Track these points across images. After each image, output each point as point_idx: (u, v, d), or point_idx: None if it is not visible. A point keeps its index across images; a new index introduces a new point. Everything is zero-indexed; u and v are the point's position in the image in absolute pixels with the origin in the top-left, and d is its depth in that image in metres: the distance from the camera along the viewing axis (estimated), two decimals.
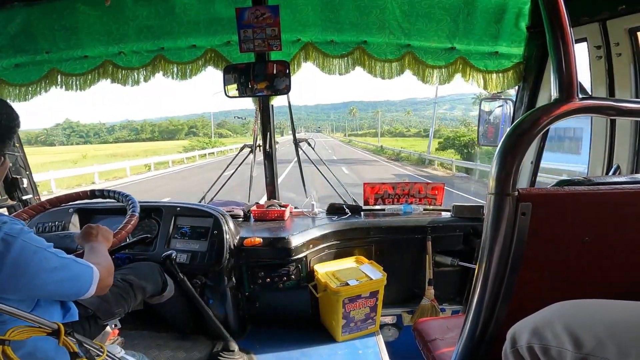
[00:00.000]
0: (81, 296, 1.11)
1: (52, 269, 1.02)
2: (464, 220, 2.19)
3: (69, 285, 1.07)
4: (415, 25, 2.07)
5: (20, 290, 1.00)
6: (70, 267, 1.07)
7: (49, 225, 2.04)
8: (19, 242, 0.97)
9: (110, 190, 1.72)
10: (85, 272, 1.11)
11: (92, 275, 1.12)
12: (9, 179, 2.41)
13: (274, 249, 1.94)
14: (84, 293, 1.10)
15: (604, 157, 1.71)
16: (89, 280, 1.11)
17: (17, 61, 2.30)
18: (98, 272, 1.14)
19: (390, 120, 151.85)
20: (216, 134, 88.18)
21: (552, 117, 0.77)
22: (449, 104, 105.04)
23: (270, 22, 2.04)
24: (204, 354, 1.87)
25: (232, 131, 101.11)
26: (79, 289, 1.09)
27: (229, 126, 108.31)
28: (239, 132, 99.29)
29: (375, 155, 31.99)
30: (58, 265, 1.04)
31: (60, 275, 1.04)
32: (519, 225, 0.81)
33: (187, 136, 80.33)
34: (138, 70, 2.32)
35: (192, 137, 71.26)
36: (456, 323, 1.49)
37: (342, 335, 1.97)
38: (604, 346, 0.58)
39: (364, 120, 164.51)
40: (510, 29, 2.02)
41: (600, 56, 1.63)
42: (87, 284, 1.10)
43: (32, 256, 0.99)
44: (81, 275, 1.09)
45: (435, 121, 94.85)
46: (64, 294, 1.09)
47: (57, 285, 1.04)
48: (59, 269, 1.03)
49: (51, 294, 1.06)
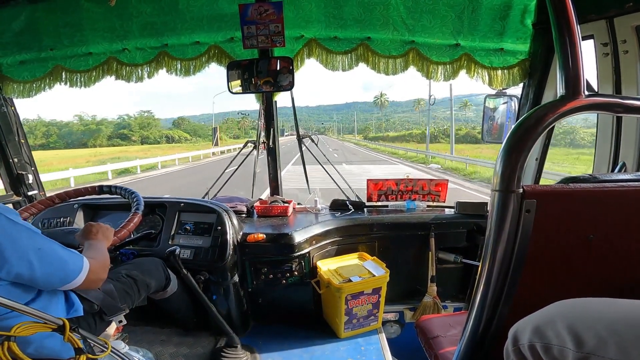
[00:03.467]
0: (68, 283, 1.10)
1: (37, 250, 1.03)
2: (467, 217, 2.18)
3: (55, 269, 1.07)
4: (420, 22, 2.06)
5: (4, 266, 0.99)
6: (57, 251, 1.08)
7: (54, 221, 2.05)
8: (3, 218, 0.99)
9: (118, 187, 1.74)
10: (73, 260, 1.11)
11: (81, 264, 1.12)
12: (14, 175, 2.43)
13: (277, 245, 1.94)
14: (70, 280, 1.10)
15: (609, 154, 1.70)
16: (77, 268, 1.11)
17: (22, 58, 2.32)
18: (88, 264, 1.15)
19: (402, 122, 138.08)
20: (164, 136, 64.40)
21: (558, 114, 0.77)
22: (459, 103, 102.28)
23: (274, 18, 2.03)
24: (207, 349, 1.88)
25: (190, 133, 72.69)
26: (66, 275, 1.09)
27: (188, 126, 79.01)
28: (201, 134, 74.98)
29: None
30: (43, 247, 1.05)
31: (45, 256, 1.04)
32: (523, 222, 0.81)
33: (110, 140, 59.08)
34: (142, 66, 2.33)
35: (118, 142, 56.80)
36: (459, 320, 1.49)
37: (345, 332, 1.98)
38: (606, 345, 0.58)
39: (369, 122, 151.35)
40: (516, 25, 2.00)
41: (607, 53, 1.62)
42: (74, 272, 1.10)
43: (17, 233, 1.01)
44: (68, 261, 1.09)
45: (447, 121, 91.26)
46: (50, 278, 1.07)
47: (42, 266, 1.03)
48: (43, 251, 1.04)
49: (37, 278, 1.04)
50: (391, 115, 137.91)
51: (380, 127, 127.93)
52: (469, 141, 47.00)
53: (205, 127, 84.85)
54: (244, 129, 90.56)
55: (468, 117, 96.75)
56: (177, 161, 23.76)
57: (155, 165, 21.31)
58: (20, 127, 2.45)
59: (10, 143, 2.38)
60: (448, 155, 22.56)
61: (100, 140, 57.51)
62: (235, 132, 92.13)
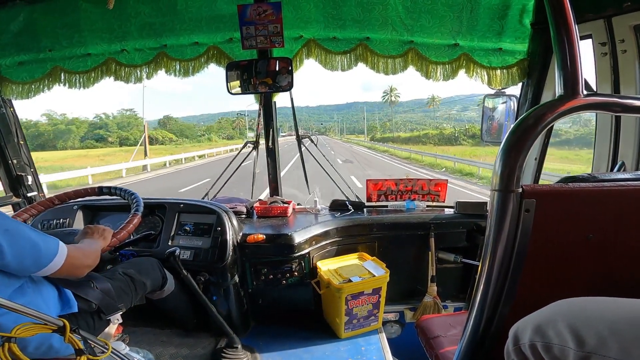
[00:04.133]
0: (44, 267, 1.09)
1: (4, 231, 1.01)
2: (467, 217, 2.19)
3: (25, 251, 1.04)
4: (418, 22, 2.06)
5: None
6: (26, 232, 1.06)
7: (54, 222, 2.05)
8: None
9: (118, 188, 1.74)
10: (46, 244, 1.09)
11: (56, 248, 1.11)
12: (13, 177, 2.42)
13: (277, 246, 1.94)
14: (46, 264, 1.09)
15: (608, 153, 1.71)
16: (52, 252, 1.10)
17: (21, 59, 2.32)
18: (65, 248, 1.13)
19: (404, 122, 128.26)
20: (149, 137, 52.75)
21: (557, 113, 0.77)
22: (460, 104, 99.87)
23: (273, 18, 2.03)
24: (207, 350, 1.88)
25: (177, 134, 62.91)
26: (39, 257, 1.07)
27: (175, 125, 68.28)
28: (188, 134, 66.77)
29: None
30: (10, 228, 1.03)
31: (13, 239, 1.02)
32: (523, 221, 0.81)
33: (83, 142, 50.40)
34: (141, 67, 2.33)
35: (92, 143, 48.81)
36: (459, 320, 1.49)
37: (345, 332, 1.98)
38: (607, 344, 0.58)
39: (370, 122, 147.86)
40: (514, 25, 2.00)
41: (605, 53, 1.62)
42: (48, 255, 1.09)
43: None
44: (39, 244, 1.07)
45: (451, 122, 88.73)
46: (22, 260, 1.05)
47: (11, 248, 1.01)
48: (11, 232, 1.02)
49: (8, 261, 1.02)
50: (393, 115, 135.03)
51: (385, 128, 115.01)
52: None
53: (194, 127, 78.84)
54: (239, 129, 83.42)
55: (471, 117, 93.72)
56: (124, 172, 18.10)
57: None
58: (19, 128, 2.44)
59: (10, 144, 2.38)
60: (479, 163, 17.15)
61: (71, 142, 50.05)
62: (229, 132, 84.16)
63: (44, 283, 1.19)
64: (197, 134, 72.57)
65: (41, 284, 1.18)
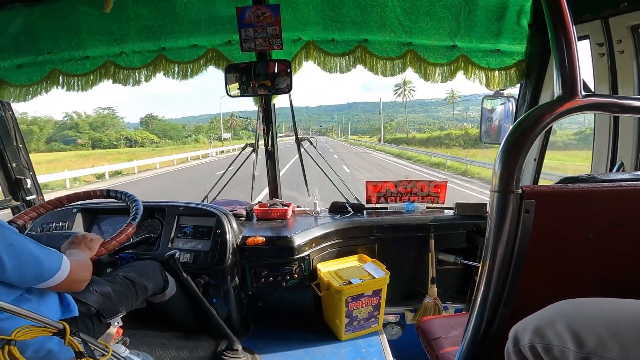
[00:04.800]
0: (45, 281, 1.10)
1: (8, 246, 1.02)
2: (467, 218, 2.19)
3: (27, 265, 1.05)
4: (417, 24, 2.06)
5: None
6: (29, 247, 1.07)
7: (53, 225, 2.05)
8: None
9: (123, 193, 1.74)
10: (49, 258, 1.11)
11: (59, 263, 1.12)
12: (12, 180, 2.42)
13: (276, 248, 1.94)
14: (47, 278, 1.10)
15: (607, 154, 1.71)
16: (55, 266, 1.11)
17: (19, 62, 2.31)
18: (69, 263, 1.14)
19: (408, 122, 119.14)
20: (124, 138, 51.90)
21: (555, 114, 0.77)
22: (462, 104, 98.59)
23: (271, 21, 2.03)
24: (207, 353, 1.87)
25: (159, 135, 58.40)
26: (41, 272, 1.08)
27: (158, 125, 63.33)
28: (172, 135, 61.92)
29: None
30: (15, 243, 1.04)
31: (16, 253, 1.03)
32: (522, 222, 0.81)
33: (49, 144, 46.56)
34: (139, 70, 2.32)
35: (59, 145, 45.57)
36: (459, 321, 1.49)
37: (345, 334, 1.98)
38: (606, 345, 0.58)
39: (371, 122, 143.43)
40: (512, 26, 2.01)
41: (602, 53, 1.63)
42: (50, 270, 1.10)
43: None
44: (42, 259, 1.08)
45: (454, 122, 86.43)
46: (23, 275, 1.06)
47: (12, 262, 1.02)
48: (14, 247, 1.03)
49: (9, 274, 1.02)
50: (394, 115, 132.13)
51: (391, 128, 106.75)
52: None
53: (179, 128, 72.87)
54: (234, 129, 78.51)
55: (474, 117, 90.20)
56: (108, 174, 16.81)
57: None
58: (18, 131, 2.44)
59: (8, 147, 2.37)
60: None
61: (35, 144, 44.70)
62: (219, 133, 72.67)
63: (45, 290, 1.19)
64: (183, 135, 67.62)
65: (43, 291, 1.17)
